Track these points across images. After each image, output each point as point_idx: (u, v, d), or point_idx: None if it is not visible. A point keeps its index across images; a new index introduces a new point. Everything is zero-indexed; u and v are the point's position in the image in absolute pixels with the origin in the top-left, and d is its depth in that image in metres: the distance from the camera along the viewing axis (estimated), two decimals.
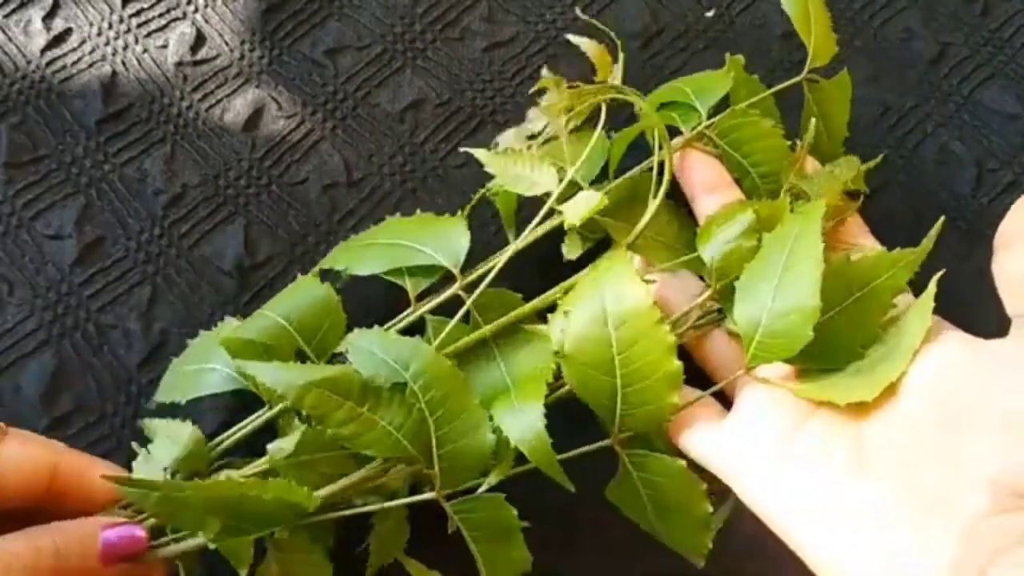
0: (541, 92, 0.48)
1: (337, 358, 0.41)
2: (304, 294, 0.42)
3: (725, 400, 0.41)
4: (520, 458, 0.37)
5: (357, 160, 0.52)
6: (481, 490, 0.38)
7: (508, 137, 0.49)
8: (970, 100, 0.55)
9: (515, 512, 0.38)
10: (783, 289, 0.35)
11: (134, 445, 0.42)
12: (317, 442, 0.37)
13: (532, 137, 0.48)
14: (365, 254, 0.43)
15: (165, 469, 0.40)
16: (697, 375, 0.41)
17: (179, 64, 0.54)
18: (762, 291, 0.36)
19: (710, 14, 0.57)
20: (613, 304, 0.36)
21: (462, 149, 0.51)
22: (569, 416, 0.38)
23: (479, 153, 0.44)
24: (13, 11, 0.55)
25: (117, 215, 0.50)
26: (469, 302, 0.41)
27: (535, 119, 0.48)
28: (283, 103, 0.53)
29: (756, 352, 0.36)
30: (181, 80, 0.54)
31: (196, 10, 0.55)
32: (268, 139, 0.52)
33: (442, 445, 0.36)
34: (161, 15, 0.55)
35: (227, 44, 0.55)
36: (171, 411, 0.43)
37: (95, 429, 0.46)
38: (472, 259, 0.42)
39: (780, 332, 0.35)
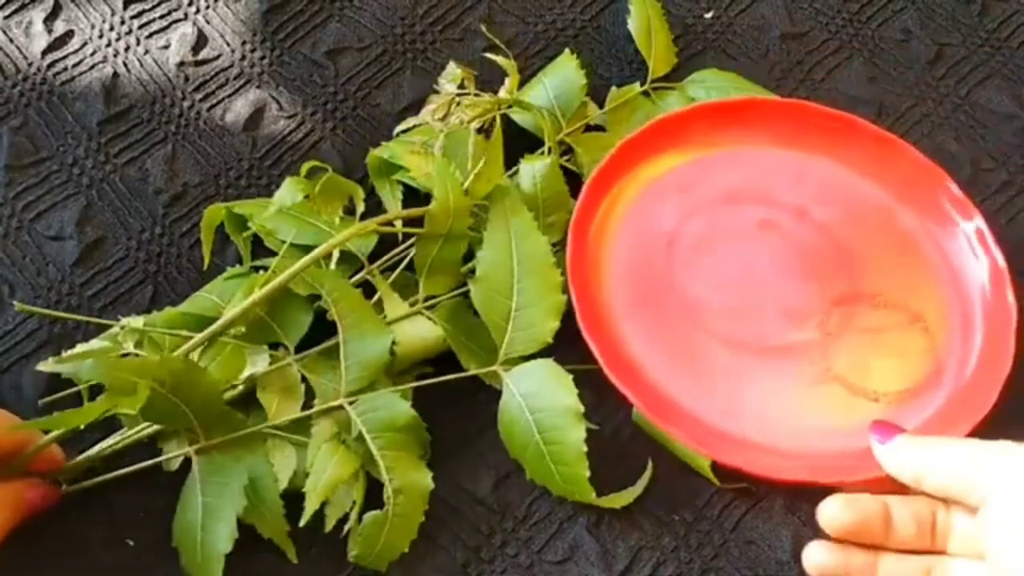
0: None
1: None
2: (234, 281, 0.47)
3: None
4: None
5: (357, 160, 0.52)
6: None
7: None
8: (967, 101, 0.55)
9: (413, 412, 0.42)
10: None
11: None
12: None
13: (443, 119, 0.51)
14: (286, 222, 0.47)
15: None
16: None
17: (180, 64, 0.54)
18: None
19: (708, 16, 0.57)
20: (519, 244, 0.45)
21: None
22: None
23: (393, 150, 0.49)
24: (14, 12, 0.55)
25: (118, 215, 0.50)
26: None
27: (444, 83, 0.52)
28: (284, 103, 0.53)
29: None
30: (182, 80, 0.54)
31: (197, 11, 0.55)
32: (269, 139, 0.53)
33: (347, 342, 0.43)
34: (162, 16, 0.55)
35: (228, 45, 0.55)
36: None
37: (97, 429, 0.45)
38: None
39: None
